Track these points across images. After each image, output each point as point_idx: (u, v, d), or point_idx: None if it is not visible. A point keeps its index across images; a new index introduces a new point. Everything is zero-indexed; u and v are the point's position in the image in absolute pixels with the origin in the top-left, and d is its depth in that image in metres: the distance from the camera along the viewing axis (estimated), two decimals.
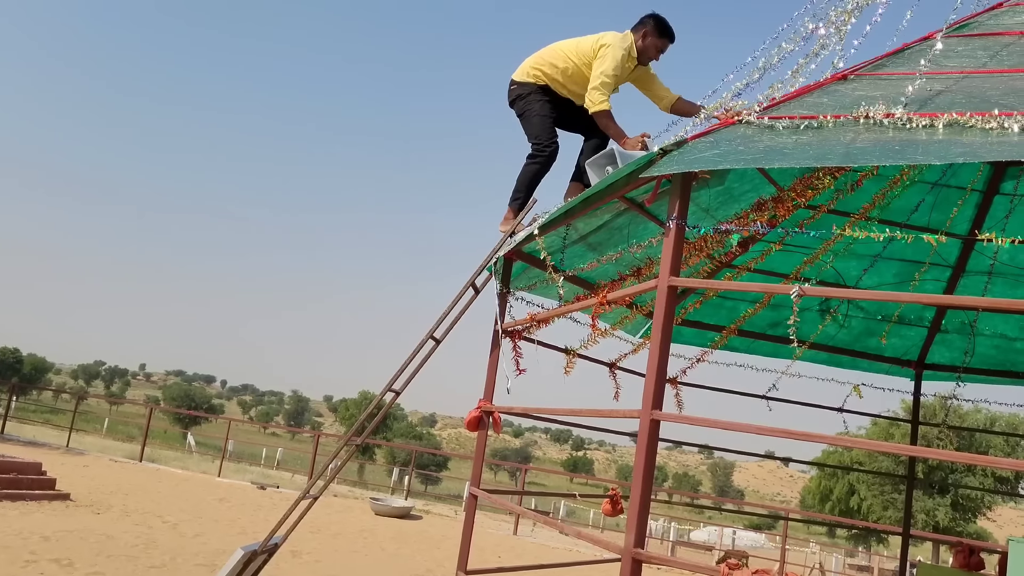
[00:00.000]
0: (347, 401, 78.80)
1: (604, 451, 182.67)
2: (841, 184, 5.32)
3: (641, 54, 5.14)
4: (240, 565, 5.23)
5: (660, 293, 3.31)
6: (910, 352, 7.44)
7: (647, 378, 3.30)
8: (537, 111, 5.23)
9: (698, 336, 7.16)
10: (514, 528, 17.29)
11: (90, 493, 13.25)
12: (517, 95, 5.34)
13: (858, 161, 2.91)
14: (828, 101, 3.62)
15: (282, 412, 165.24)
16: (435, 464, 63.59)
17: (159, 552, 9.42)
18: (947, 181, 5.77)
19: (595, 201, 4.23)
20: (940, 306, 6.87)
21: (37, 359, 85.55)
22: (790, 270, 6.31)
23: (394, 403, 5.65)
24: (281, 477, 23.81)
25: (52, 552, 8.59)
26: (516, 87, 5.36)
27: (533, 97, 5.26)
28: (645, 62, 5.24)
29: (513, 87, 5.38)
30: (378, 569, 10.51)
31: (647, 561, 3.21)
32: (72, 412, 24.78)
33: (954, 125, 3.01)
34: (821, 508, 39.07)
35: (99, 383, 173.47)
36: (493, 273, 5.34)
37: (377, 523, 15.28)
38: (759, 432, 3.13)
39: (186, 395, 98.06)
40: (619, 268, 5.47)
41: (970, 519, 33.15)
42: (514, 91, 5.37)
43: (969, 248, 6.32)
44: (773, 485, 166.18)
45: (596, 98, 4.94)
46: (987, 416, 30.19)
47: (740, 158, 3.15)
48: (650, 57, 5.20)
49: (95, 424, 45.64)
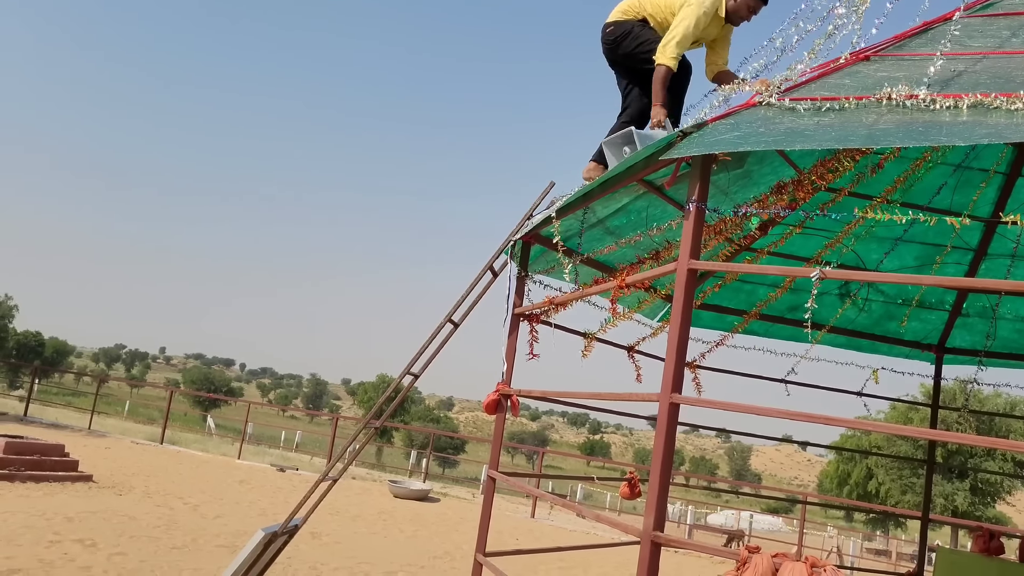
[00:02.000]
0: (365, 384, 79.12)
1: (621, 435, 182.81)
2: (862, 167, 5.27)
3: (731, 14, 4.92)
4: (261, 546, 5.28)
5: (680, 276, 3.29)
6: (930, 336, 7.38)
7: (666, 361, 3.29)
8: (647, 35, 4.99)
9: (717, 320, 7.13)
10: (532, 511, 17.35)
11: (112, 475, 13.40)
12: (618, 33, 5.10)
13: (880, 143, 2.88)
14: (850, 82, 3.58)
15: (301, 395, 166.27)
16: (453, 447, 63.85)
17: (180, 533, 9.52)
18: (970, 163, 5.70)
19: (613, 184, 4.21)
20: (961, 289, 6.81)
21: (59, 342, 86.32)
22: (810, 254, 6.27)
23: (412, 386, 5.67)
24: (300, 459, 23.99)
25: (75, 532, 8.70)
26: (613, 27, 5.12)
27: (636, 28, 5.03)
28: (736, 22, 5.01)
29: (609, 28, 5.15)
30: (397, 551, 10.59)
31: (666, 544, 3.22)
32: (94, 395, 25.02)
33: (978, 106, 2.97)
34: (839, 492, 38.97)
35: (120, 366, 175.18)
36: (511, 256, 5.34)
37: (396, 505, 15.38)
38: (777, 415, 3.12)
39: (206, 378, 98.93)
40: (637, 251, 5.45)
41: (989, 504, 33.00)
42: (611, 32, 5.13)
43: (991, 231, 6.26)
44: (791, 469, 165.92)
45: (668, 52, 4.72)
46: (1007, 400, 29.99)
47: (761, 140, 3.12)
48: (742, 18, 4.95)
49: (116, 407, 46.09)
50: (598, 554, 12.22)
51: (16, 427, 17.72)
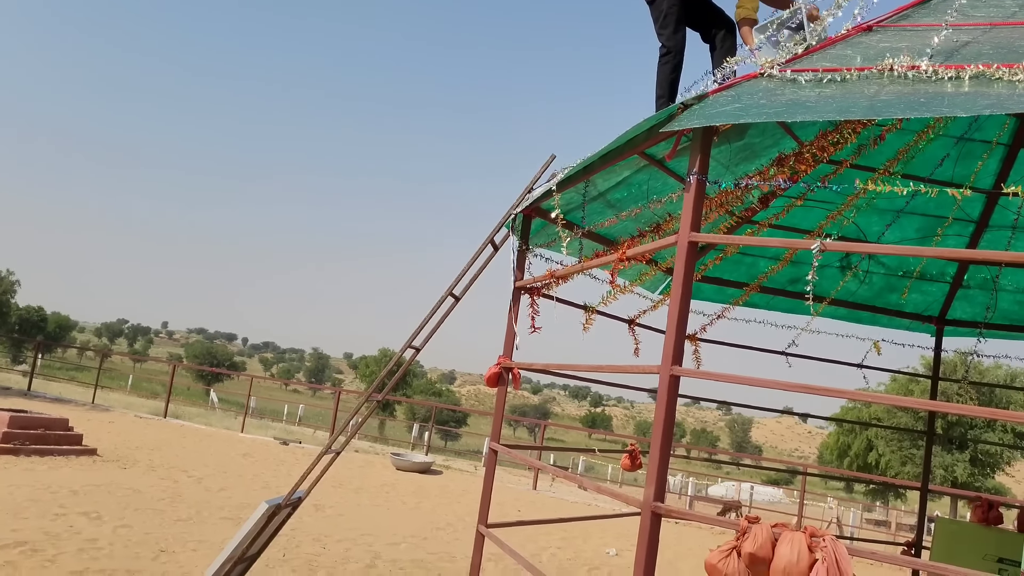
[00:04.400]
0: (367, 358, 79.35)
1: (622, 407, 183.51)
2: (864, 139, 5.25)
3: None
4: (264, 518, 5.32)
5: (680, 248, 3.30)
6: (931, 308, 7.39)
7: (667, 334, 3.30)
8: (667, 5, 4.92)
9: (718, 292, 7.14)
10: (533, 483, 17.46)
11: (116, 448, 13.48)
12: None
13: (882, 114, 2.87)
14: (852, 53, 3.56)
15: (303, 369, 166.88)
16: (455, 420, 64.14)
17: (185, 506, 9.59)
18: (972, 135, 5.68)
19: (614, 157, 4.20)
20: (962, 261, 6.81)
21: (61, 317, 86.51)
22: (811, 226, 6.26)
23: (414, 360, 5.69)
24: (303, 433, 24.11)
25: (81, 505, 8.77)
26: None
27: None
28: None
29: None
30: (400, 522, 10.67)
31: (667, 515, 3.24)
32: (97, 369, 25.12)
33: (981, 77, 2.96)
34: (839, 464, 39.18)
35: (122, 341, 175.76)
36: (512, 230, 5.34)
37: (398, 478, 15.48)
38: (778, 387, 3.14)
39: (208, 352, 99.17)
40: (638, 224, 5.45)
41: (988, 474, 33.17)
42: None
43: (993, 203, 6.24)
44: (791, 441, 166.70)
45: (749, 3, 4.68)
46: (1007, 372, 30.07)
47: (762, 112, 3.11)
48: None
49: (119, 381, 46.27)
50: (599, 525, 12.32)
51: (20, 401, 17.79)
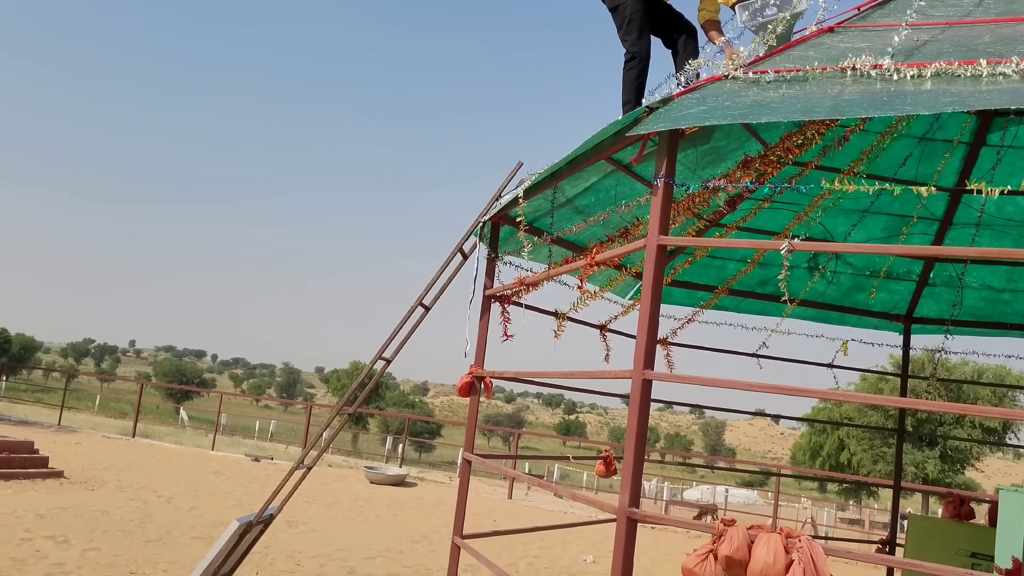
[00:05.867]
0: (339, 372, 78.80)
1: (596, 414, 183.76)
2: (828, 140, 5.29)
3: None
4: (236, 536, 5.24)
5: (649, 252, 3.29)
6: (898, 307, 7.46)
7: (638, 338, 3.29)
8: (629, 11, 4.86)
9: (688, 296, 7.16)
10: (508, 493, 17.40)
11: (84, 470, 13.24)
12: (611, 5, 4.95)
13: (846, 113, 2.88)
14: (814, 54, 3.58)
15: (274, 384, 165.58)
16: (428, 432, 63.82)
17: (155, 526, 9.44)
18: (934, 135, 5.74)
19: (581, 163, 4.19)
20: (928, 258, 6.88)
21: (25, 338, 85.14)
22: (778, 228, 6.29)
23: (385, 371, 5.63)
24: (275, 449, 23.86)
25: (47, 529, 8.59)
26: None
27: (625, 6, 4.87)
28: None
29: None
30: (375, 536, 10.57)
31: (642, 520, 3.22)
32: (63, 390, 24.72)
33: (942, 75, 2.98)
34: (812, 464, 39.44)
35: (89, 361, 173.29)
36: (480, 238, 5.31)
37: (372, 491, 15.36)
38: (749, 388, 3.13)
39: (177, 370, 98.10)
40: (607, 229, 5.44)
41: (959, 470, 33.54)
42: None
43: (956, 201, 6.32)
44: (764, 443, 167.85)
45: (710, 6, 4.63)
46: (974, 368, 30.45)
47: (727, 113, 3.11)
48: None
49: (87, 402, 45.59)
50: (576, 532, 12.29)
51: None
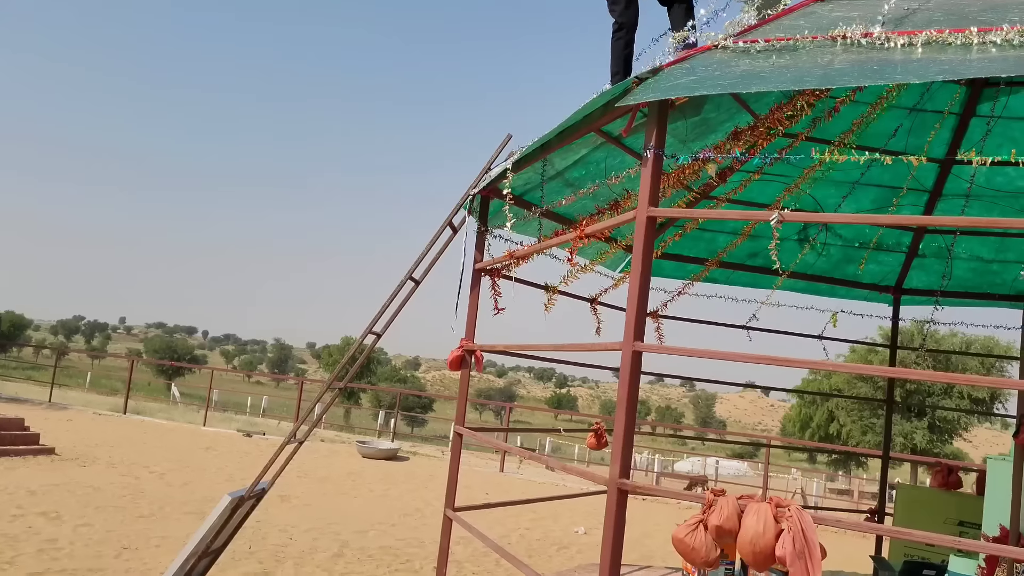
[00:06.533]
0: (330, 347, 78.77)
1: (587, 388, 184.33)
2: (819, 111, 5.26)
3: None
4: (228, 511, 5.24)
5: (639, 224, 3.27)
6: (888, 278, 7.48)
7: (628, 310, 3.28)
8: None
9: (678, 269, 7.16)
10: (500, 466, 17.49)
11: (75, 447, 13.24)
12: None
13: (836, 83, 2.86)
14: (805, 23, 3.55)
15: (265, 360, 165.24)
16: (420, 406, 63.93)
17: (147, 502, 9.45)
18: (924, 105, 5.72)
19: (570, 135, 4.17)
20: (919, 227, 6.88)
21: (15, 316, 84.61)
22: (769, 200, 6.28)
23: (376, 345, 5.62)
24: (267, 424, 23.89)
25: (39, 506, 8.60)
26: None
27: None
28: None
29: None
30: (367, 510, 10.62)
31: (632, 491, 3.24)
32: (53, 367, 24.64)
33: (933, 43, 2.96)
34: (801, 435, 39.71)
35: (79, 338, 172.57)
36: (470, 211, 5.29)
37: (364, 465, 15.41)
38: (739, 359, 3.14)
39: (168, 347, 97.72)
40: (596, 202, 5.43)
41: (947, 440, 33.82)
42: None
43: (946, 172, 6.31)
44: (754, 415, 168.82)
45: None
46: (962, 339, 30.63)
47: (717, 83, 3.09)
48: None
49: (77, 379, 45.43)
50: (568, 505, 12.36)
51: None
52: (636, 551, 9.52)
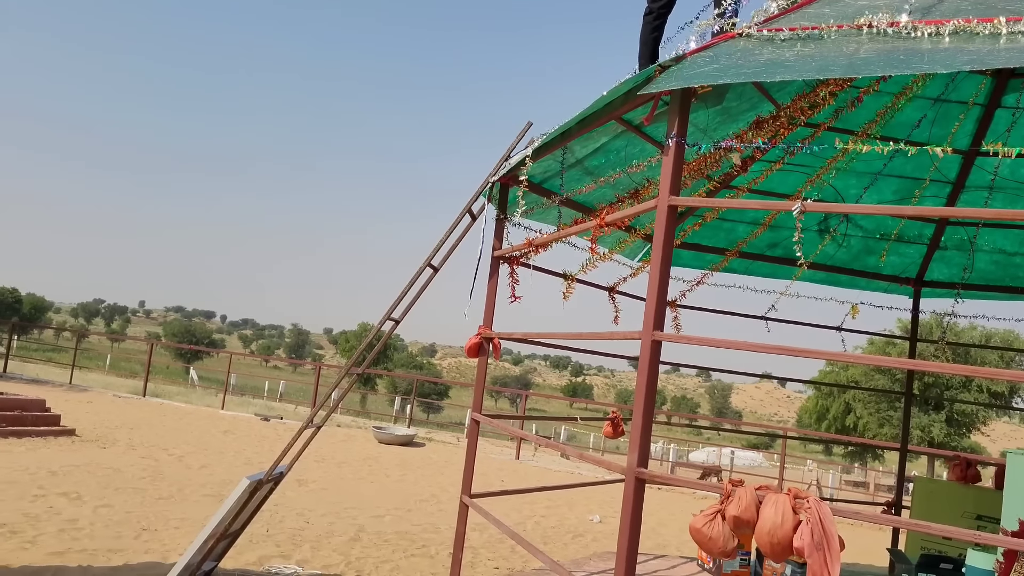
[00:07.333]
0: (347, 333, 79.17)
1: (603, 376, 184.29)
2: (842, 101, 5.22)
3: None
4: (246, 494, 5.29)
5: (660, 213, 3.26)
6: (909, 270, 7.42)
7: (648, 299, 3.27)
8: None
9: (696, 258, 7.13)
10: (516, 453, 17.53)
11: (95, 428, 13.38)
12: None
13: (862, 72, 2.83)
14: (830, 11, 3.51)
15: (283, 345, 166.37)
16: (436, 393, 64.19)
17: (166, 484, 9.55)
18: (948, 96, 5.66)
19: (591, 123, 4.15)
20: (941, 219, 6.82)
21: (36, 298, 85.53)
22: (790, 190, 6.24)
23: (393, 332, 5.64)
24: (284, 409, 24.05)
25: (60, 486, 8.70)
26: None
27: None
28: None
29: None
30: (384, 495, 10.68)
31: (651, 480, 3.23)
32: (74, 350, 24.88)
33: (960, 32, 2.93)
34: (818, 427, 39.58)
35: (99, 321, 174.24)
36: (489, 199, 5.29)
37: (381, 451, 15.49)
38: (756, 350, 3.12)
39: (186, 331, 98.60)
40: (616, 191, 5.41)
41: (964, 434, 33.66)
42: None
43: (969, 163, 6.25)
44: (770, 406, 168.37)
45: None
46: (982, 333, 30.44)
47: (740, 72, 3.06)
48: None
49: (97, 361, 45.91)
50: (583, 493, 12.40)
51: None
52: (651, 540, 9.54)
